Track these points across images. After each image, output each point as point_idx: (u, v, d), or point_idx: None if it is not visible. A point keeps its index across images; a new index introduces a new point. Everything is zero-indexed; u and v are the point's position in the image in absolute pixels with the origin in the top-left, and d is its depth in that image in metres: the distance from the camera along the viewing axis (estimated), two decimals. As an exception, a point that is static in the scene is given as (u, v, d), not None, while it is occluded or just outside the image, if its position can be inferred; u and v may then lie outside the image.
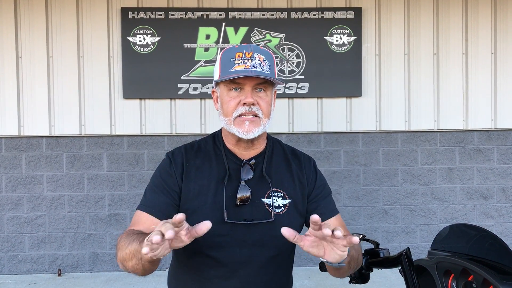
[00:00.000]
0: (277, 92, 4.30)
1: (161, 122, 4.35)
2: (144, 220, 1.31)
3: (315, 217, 0.97)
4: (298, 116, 4.41)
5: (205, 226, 0.98)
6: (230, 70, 1.30)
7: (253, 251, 1.34)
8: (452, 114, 4.49)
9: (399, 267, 1.36)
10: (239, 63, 1.30)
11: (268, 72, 1.31)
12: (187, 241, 1.00)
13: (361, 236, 1.54)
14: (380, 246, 1.48)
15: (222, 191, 1.34)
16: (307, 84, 4.35)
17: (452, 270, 1.20)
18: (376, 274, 4.01)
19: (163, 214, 1.32)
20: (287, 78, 4.34)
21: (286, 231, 1.00)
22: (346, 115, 4.43)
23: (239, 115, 1.32)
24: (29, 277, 4.27)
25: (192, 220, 1.32)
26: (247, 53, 1.31)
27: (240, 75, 1.27)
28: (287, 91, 4.35)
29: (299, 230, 1.39)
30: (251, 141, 1.38)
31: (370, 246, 1.51)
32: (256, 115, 1.32)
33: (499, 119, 4.50)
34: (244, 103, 1.30)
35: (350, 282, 1.52)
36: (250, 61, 1.29)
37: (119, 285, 4.04)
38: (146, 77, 4.27)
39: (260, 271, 1.36)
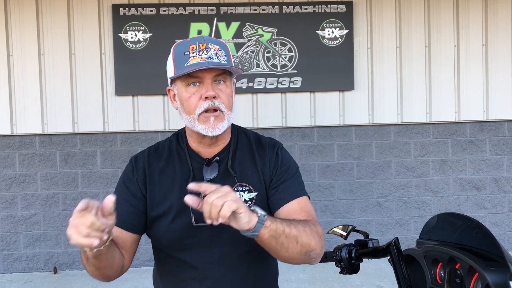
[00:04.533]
0: (270, 86, 4.32)
1: (154, 119, 4.34)
2: (118, 235, 1.28)
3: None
4: (291, 111, 4.42)
5: (108, 200, 1.01)
6: (185, 64, 1.23)
7: (224, 250, 1.31)
8: (444, 106, 4.52)
9: (388, 257, 1.38)
10: (194, 56, 1.23)
11: (225, 62, 1.25)
12: (107, 221, 1.02)
13: (350, 227, 1.55)
14: (370, 237, 1.49)
15: (187, 193, 1.27)
16: (299, 79, 4.36)
17: (440, 259, 1.21)
18: (370, 266, 4.05)
19: (126, 223, 1.29)
20: (279, 73, 4.35)
21: (189, 200, 1.05)
22: (339, 109, 4.45)
23: (203, 112, 1.25)
24: (24, 275, 4.28)
25: (160, 226, 1.31)
26: (200, 45, 1.24)
27: (198, 68, 1.20)
28: (279, 86, 4.36)
29: None
30: (216, 137, 1.31)
31: (360, 236, 1.52)
32: (219, 109, 1.26)
33: (491, 110, 4.53)
34: (206, 97, 1.24)
35: (340, 272, 1.53)
36: (205, 52, 1.23)
37: (115, 282, 4.02)
38: (139, 73, 4.27)
39: (233, 268, 1.33)
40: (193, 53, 1.23)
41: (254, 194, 1.35)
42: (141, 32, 4.26)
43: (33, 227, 4.34)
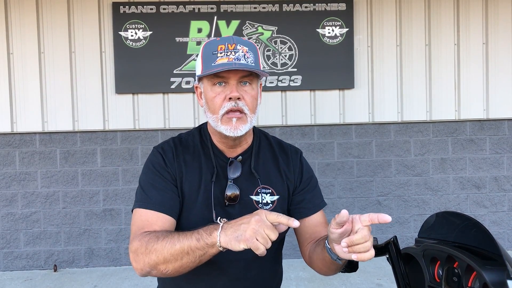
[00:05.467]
0: (270, 85, 4.31)
1: (154, 117, 4.35)
2: (155, 219, 1.25)
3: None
4: (291, 109, 4.42)
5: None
6: (213, 64, 1.24)
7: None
8: (445, 104, 4.51)
9: (387, 256, 1.38)
10: (221, 56, 1.24)
11: (252, 64, 1.25)
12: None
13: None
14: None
15: (211, 190, 1.31)
16: (299, 77, 4.36)
17: (438, 257, 1.22)
18: (370, 264, 4.05)
19: (174, 211, 1.28)
20: (279, 71, 4.35)
21: (346, 214, 1.04)
22: (339, 107, 4.45)
23: (226, 112, 1.26)
24: (25, 273, 4.28)
25: (181, 218, 1.32)
26: (229, 45, 1.25)
27: (224, 69, 1.21)
28: (280, 84, 4.35)
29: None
30: (238, 138, 1.32)
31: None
32: (242, 111, 1.27)
33: (491, 109, 4.53)
34: (230, 98, 1.25)
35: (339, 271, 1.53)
36: (233, 53, 1.24)
37: (114, 280, 4.05)
38: (139, 71, 4.27)
39: (248, 267, 1.34)
40: (221, 53, 1.25)
41: (276, 197, 1.37)
42: (141, 30, 4.26)
43: (33, 225, 4.35)
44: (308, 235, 1.38)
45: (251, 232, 1.03)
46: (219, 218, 1.14)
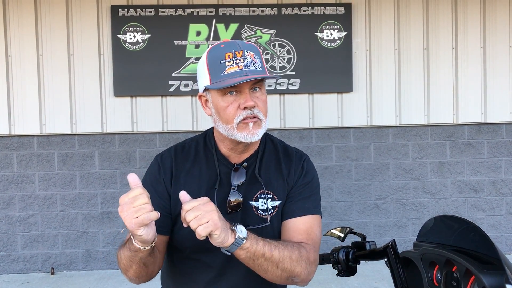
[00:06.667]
0: (268, 88, 4.32)
1: (153, 120, 4.34)
2: None
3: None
4: (290, 112, 4.43)
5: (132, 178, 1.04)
6: (222, 74, 1.20)
7: None
8: (443, 108, 4.52)
9: (385, 259, 1.38)
10: (231, 65, 1.19)
11: (261, 69, 1.23)
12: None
13: (348, 229, 1.54)
14: (367, 239, 1.48)
15: (213, 197, 1.28)
16: (298, 80, 4.36)
17: (437, 261, 1.21)
18: (368, 267, 4.05)
19: (160, 228, 1.25)
20: (278, 75, 4.35)
21: (183, 196, 1.09)
22: (337, 111, 4.45)
23: (242, 120, 1.23)
24: (22, 276, 4.27)
25: (183, 228, 1.31)
26: (237, 52, 1.20)
27: (241, 81, 1.17)
28: (278, 87, 4.36)
29: None
30: (249, 143, 1.29)
31: (357, 238, 1.53)
32: (257, 117, 1.24)
33: (489, 112, 4.54)
34: (245, 107, 1.21)
35: (337, 274, 1.53)
36: (242, 60, 1.19)
37: (112, 283, 4.04)
38: (137, 74, 4.27)
39: (249, 273, 1.30)
40: (229, 61, 1.20)
41: (277, 203, 1.34)
42: (139, 33, 4.26)
43: (30, 228, 4.33)
44: (283, 239, 1.32)
45: (127, 215, 1.01)
46: (123, 230, 1.15)
